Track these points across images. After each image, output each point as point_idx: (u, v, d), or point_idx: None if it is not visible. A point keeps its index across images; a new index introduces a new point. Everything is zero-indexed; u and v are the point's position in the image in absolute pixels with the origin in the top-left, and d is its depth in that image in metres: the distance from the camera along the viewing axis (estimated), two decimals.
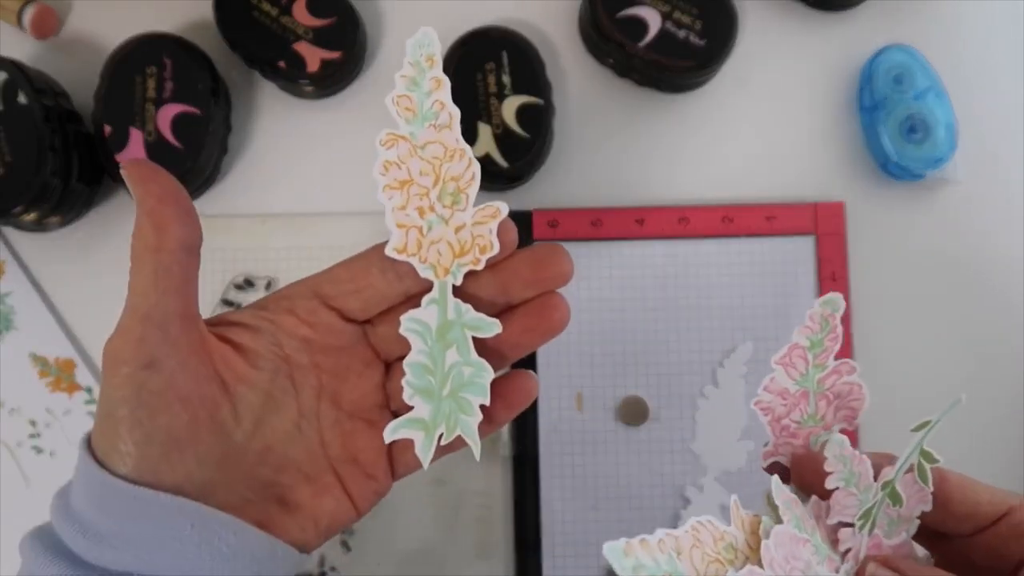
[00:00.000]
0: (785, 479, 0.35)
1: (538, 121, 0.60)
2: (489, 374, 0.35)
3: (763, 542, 0.32)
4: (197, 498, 0.32)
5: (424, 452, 0.35)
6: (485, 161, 0.58)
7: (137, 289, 0.33)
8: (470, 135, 0.59)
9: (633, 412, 0.60)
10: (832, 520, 0.35)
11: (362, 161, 0.63)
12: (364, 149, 0.63)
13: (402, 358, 0.35)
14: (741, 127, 0.63)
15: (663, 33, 0.60)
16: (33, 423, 0.58)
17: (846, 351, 0.60)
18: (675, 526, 0.60)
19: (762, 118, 0.63)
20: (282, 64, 0.60)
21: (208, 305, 0.60)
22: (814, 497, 0.35)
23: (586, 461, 0.59)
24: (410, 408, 0.35)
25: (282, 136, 0.63)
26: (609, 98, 0.63)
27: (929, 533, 0.34)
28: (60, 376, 0.59)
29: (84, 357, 0.60)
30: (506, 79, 0.60)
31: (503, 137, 0.59)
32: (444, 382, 0.35)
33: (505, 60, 0.60)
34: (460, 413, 0.35)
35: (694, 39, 0.60)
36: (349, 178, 0.62)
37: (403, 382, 0.35)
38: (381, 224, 0.62)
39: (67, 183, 0.57)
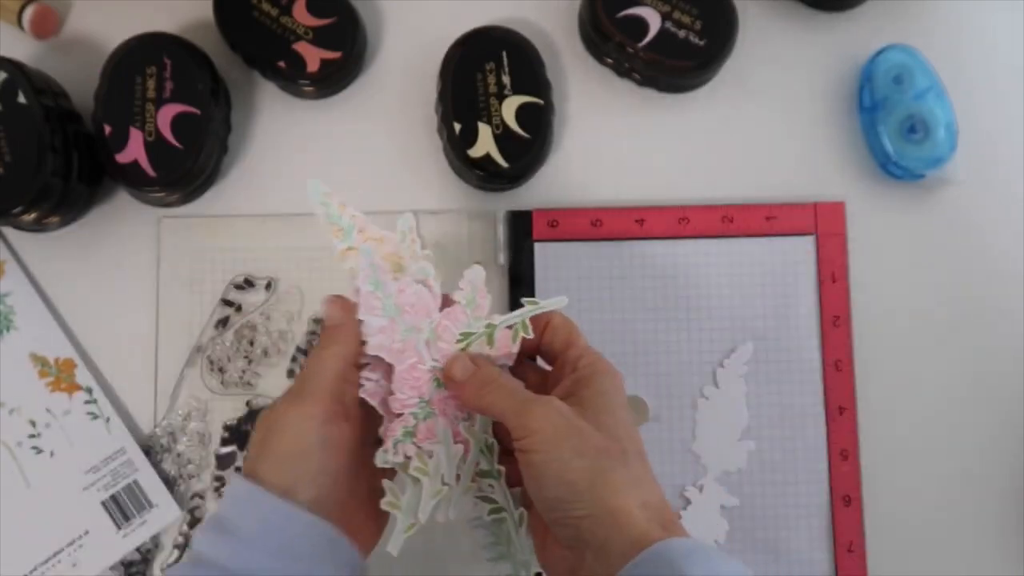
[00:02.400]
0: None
1: (538, 121, 0.60)
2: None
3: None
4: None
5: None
6: (485, 161, 0.58)
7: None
8: (470, 135, 0.59)
9: (633, 412, 0.59)
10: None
11: (362, 161, 0.63)
12: (364, 149, 0.63)
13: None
14: (741, 127, 0.63)
15: (663, 33, 0.60)
16: (33, 423, 0.58)
17: (846, 350, 0.60)
18: None
19: (762, 118, 0.63)
20: (282, 64, 0.60)
21: (208, 305, 0.60)
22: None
23: None
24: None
25: (282, 136, 0.63)
26: (609, 98, 0.63)
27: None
28: (60, 376, 0.59)
29: (84, 357, 0.60)
30: (506, 79, 0.60)
31: (503, 137, 0.59)
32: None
33: (505, 60, 0.60)
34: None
35: (694, 39, 0.60)
36: (349, 178, 0.62)
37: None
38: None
39: (67, 183, 0.57)
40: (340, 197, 0.47)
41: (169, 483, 0.58)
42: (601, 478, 0.41)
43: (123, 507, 0.58)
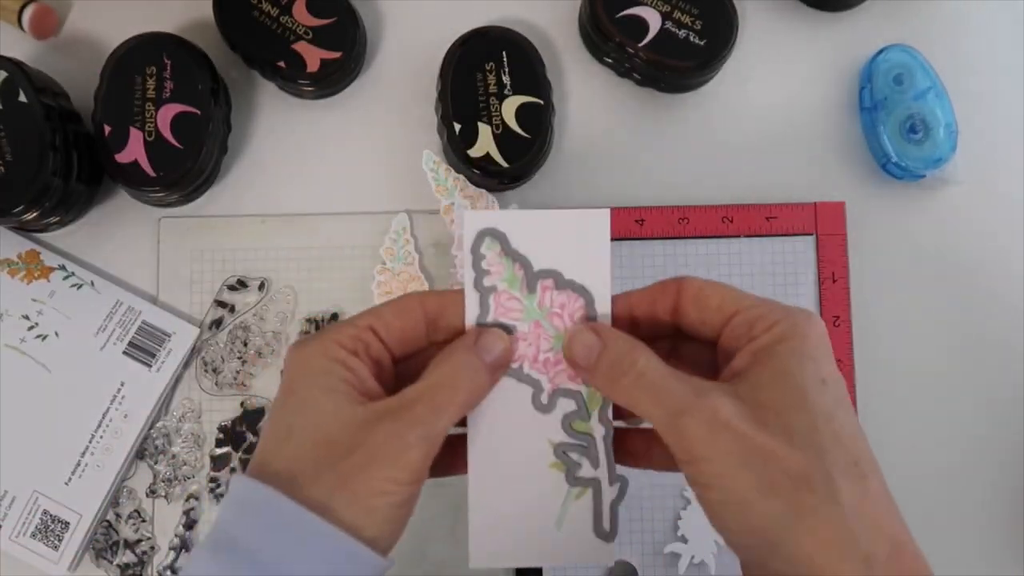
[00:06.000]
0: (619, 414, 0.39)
1: (538, 121, 0.59)
2: None
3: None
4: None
5: None
6: (485, 161, 0.58)
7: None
8: (470, 135, 0.59)
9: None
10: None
11: (362, 161, 0.63)
12: (364, 149, 0.63)
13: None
14: (741, 127, 0.63)
15: (663, 33, 0.60)
16: (26, 316, 0.59)
17: (846, 351, 0.60)
18: (675, 526, 0.60)
19: (762, 118, 0.63)
20: (282, 64, 0.60)
21: (203, 305, 0.60)
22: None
23: None
24: None
25: (282, 136, 0.63)
26: (609, 98, 0.63)
27: (683, 338, 0.37)
28: (30, 268, 0.60)
29: (43, 244, 0.61)
30: (506, 79, 0.60)
31: (503, 137, 0.59)
32: None
33: (505, 60, 0.60)
34: None
35: (694, 39, 0.60)
36: (349, 178, 0.62)
37: None
38: (380, 224, 0.63)
39: (67, 183, 0.57)
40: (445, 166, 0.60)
41: (167, 482, 0.59)
42: (800, 524, 0.30)
43: (144, 348, 0.59)
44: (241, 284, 0.60)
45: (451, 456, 0.38)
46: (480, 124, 0.59)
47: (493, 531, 0.38)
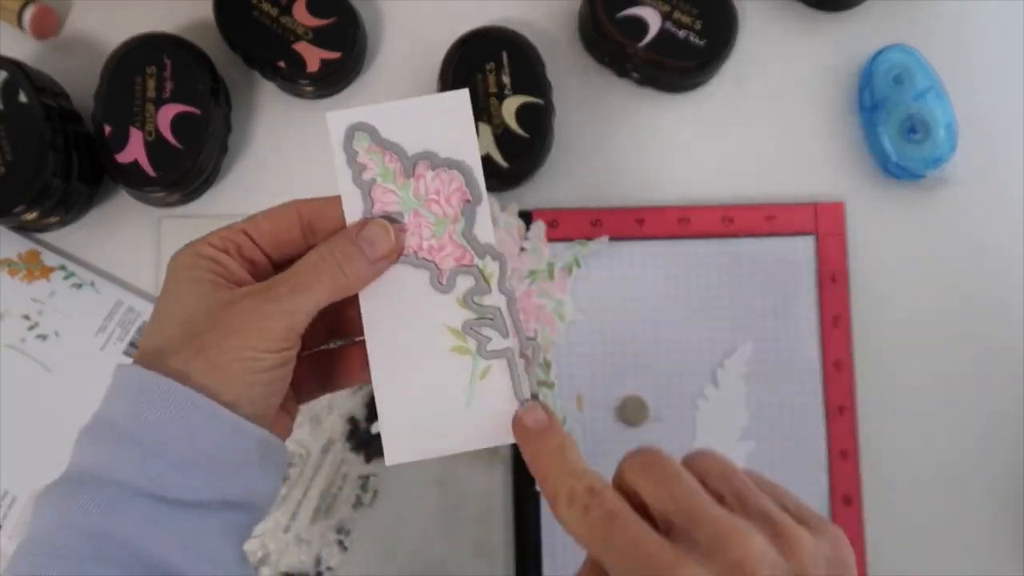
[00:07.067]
0: None
1: (538, 121, 0.60)
2: None
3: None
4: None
5: None
6: (485, 161, 0.58)
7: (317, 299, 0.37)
8: None
9: (633, 412, 0.60)
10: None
11: None
12: None
13: None
14: (741, 127, 0.63)
15: (663, 33, 0.60)
16: (27, 316, 0.59)
17: (846, 350, 0.60)
18: None
19: (762, 118, 0.63)
20: (282, 64, 0.60)
21: None
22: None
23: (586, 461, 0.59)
24: None
25: (282, 136, 0.63)
26: (609, 98, 0.63)
27: None
28: (30, 267, 0.60)
29: (43, 244, 0.61)
30: (506, 79, 0.60)
31: (503, 137, 0.59)
32: None
33: (505, 60, 0.60)
34: None
35: (694, 39, 0.60)
36: None
37: None
38: None
39: (68, 182, 0.57)
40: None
41: None
42: None
43: None
44: None
45: (343, 364, 0.41)
46: (480, 124, 0.59)
47: (405, 425, 0.39)
